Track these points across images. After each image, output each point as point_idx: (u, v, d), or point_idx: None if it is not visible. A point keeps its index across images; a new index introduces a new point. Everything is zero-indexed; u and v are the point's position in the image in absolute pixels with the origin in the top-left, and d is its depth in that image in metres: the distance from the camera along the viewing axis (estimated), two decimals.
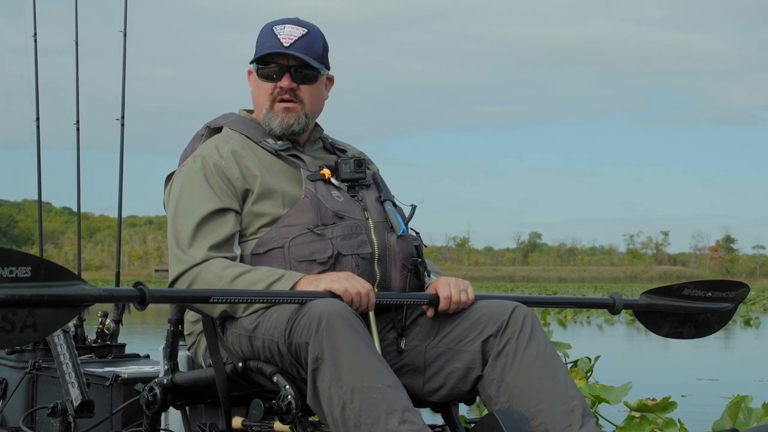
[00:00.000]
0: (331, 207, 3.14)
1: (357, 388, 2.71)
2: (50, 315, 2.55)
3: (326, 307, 2.81)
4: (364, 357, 2.75)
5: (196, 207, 3.13)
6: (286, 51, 3.21)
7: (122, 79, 5.51)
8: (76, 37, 5.63)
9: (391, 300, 3.06)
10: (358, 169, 3.25)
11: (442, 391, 3.11)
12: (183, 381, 3.25)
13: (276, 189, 3.16)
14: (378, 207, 3.24)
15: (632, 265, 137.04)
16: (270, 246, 3.10)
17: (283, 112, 3.24)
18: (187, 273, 3.05)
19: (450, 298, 3.09)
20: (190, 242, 3.09)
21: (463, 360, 3.06)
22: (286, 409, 2.89)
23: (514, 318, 3.05)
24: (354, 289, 2.91)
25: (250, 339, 3.01)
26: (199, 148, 3.27)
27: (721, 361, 13.89)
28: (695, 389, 9.53)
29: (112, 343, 4.90)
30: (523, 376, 2.98)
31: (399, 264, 3.17)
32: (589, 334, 19.44)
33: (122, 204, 5.48)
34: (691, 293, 3.67)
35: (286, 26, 3.25)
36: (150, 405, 3.26)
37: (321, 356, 2.76)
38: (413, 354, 3.13)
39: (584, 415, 2.92)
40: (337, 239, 3.08)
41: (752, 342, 18.43)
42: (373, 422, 2.67)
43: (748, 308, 31.87)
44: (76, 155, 5.55)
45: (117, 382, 4.15)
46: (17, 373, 4.60)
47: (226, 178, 3.16)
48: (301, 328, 2.83)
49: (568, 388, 2.96)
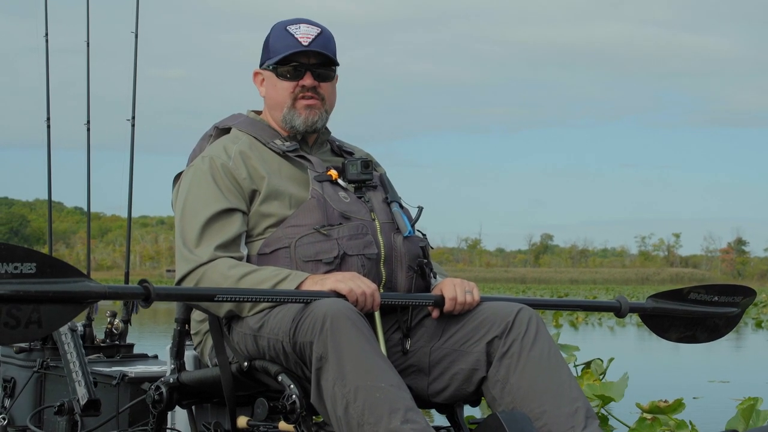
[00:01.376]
0: (338, 208, 3.15)
1: (360, 387, 2.72)
2: (55, 311, 2.56)
3: (331, 306, 2.82)
4: (367, 356, 2.76)
5: (203, 207, 3.14)
6: (310, 49, 3.23)
7: (133, 80, 5.53)
8: (88, 38, 5.65)
9: (396, 300, 3.07)
10: (365, 170, 3.26)
11: (446, 392, 3.11)
12: (189, 380, 3.27)
13: (283, 190, 3.17)
14: (385, 208, 3.25)
15: (644, 267, 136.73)
16: (276, 246, 3.11)
17: (306, 110, 3.27)
18: (194, 272, 3.07)
19: (455, 299, 3.10)
20: (197, 242, 3.10)
21: (468, 361, 3.07)
22: (291, 409, 2.90)
23: (519, 320, 3.06)
24: (359, 289, 2.92)
25: (255, 338, 3.02)
26: (207, 149, 3.29)
27: (732, 364, 13.86)
28: (707, 391, 9.51)
29: (121, 343, 4.92)
30: (527, 377, 2.98)
31: (405, 265, 3.18)
32: (600, 336, 19.42)
33: (132, 204, 5.50)
34: (698, 297, 3.67)
35: (302, 26, 3.28)
36: (156, 404, 3.28)
37: (325, 355, 2.77)
38: (418, 355, 3.14)
39: (587, 417, 2.92)
40: (343, 239, 3.09)
41: (764, 344, 18.36)
42: (375, 421, 2.68)
43: (759, 311, 31.78)
44: (86, 155, 5.58)
45: (124, 381, 4.17)
46: (25, 372, 4.62)
47: (234, 178, 3.18)
48: (306, 327, 2.84)
49: (572, 389, 2.97)
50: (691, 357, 13.89)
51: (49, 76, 5.66)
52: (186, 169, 3.29)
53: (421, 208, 3.31)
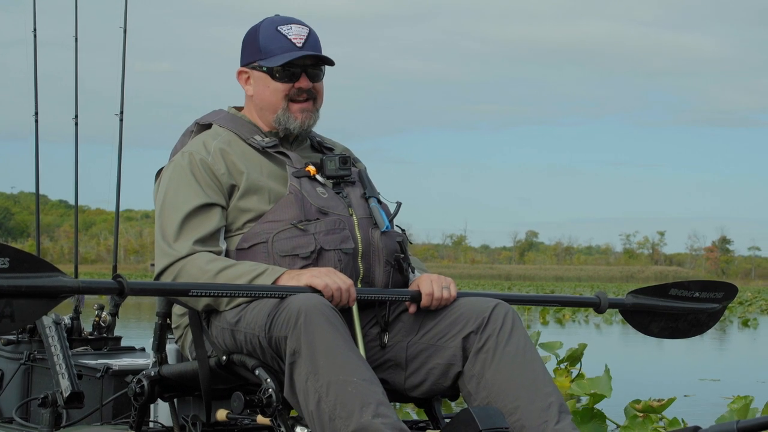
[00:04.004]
0: (315, 203, 3.18)
1: (332, 381, 2.75)
2: (28, 306, 2.58)
3: (305, 302, 2.85)
4: (340, 351, 2.79)
5: (182, 202, 3.17)
6: (307, 53, 3.26)
7: (122, 76, 5.52)
8: (76, 34, 5.65)
9: (373, 296, 3.10)
10: (342, 166, 3.28)
11: (423, 387, 3.15)
12: (170, 373, 3.29)
13: (262, 185, 3.20)
14: (363, 203, 3.27)
15: (628, 264, 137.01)
16: (254, 241, 3.14)
17: (302, 113, 3.29)
18: (173, 266, 3.10)
19: (432, 294, 3.13)
20: (176, 236, 3.13)
21: (444, 356, 3.10)
22: (267, 402, 2.93)
23: (495, 315, 3.09)
24: (335, 284, 2.96)
25: (232, 332, 3.06)
26: (188, 144, 3.32)
27: (720, 362, 13.88)
28: (696, 389, 9.56)
29: (109, 335, 4.94)
30: (502, 372, 3.02)
31: (382, 260, 3.20)
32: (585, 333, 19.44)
33: (120, 199, 5.51)
34: (678, 293, 3.69)
35: (293, 26, 3.30)
36: (137, 397, 3.30)
37: (298, 350, 2.81)
38: (396, 349, 3.17)
39: (560, 411, 2.96)
40: (320, 234, 3.12)
41: (751, 343, 18.41)
42: (347, 416, 2.71)
43: (745, 309, 31.91)
44: (74, 148, 5.58)
45: (108, 373, 4.19)
46: (13, 364, 4.65)
47: (213, 173, 3.21)
48: (281, 322, 2.87)
49: (546, 384, 3.00)
50: (679, 355, 13.93)
51: (37, 72, 5.65)
52: (167, 165, 3.32)
53: (400, 203, 3.34)
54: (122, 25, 5.58)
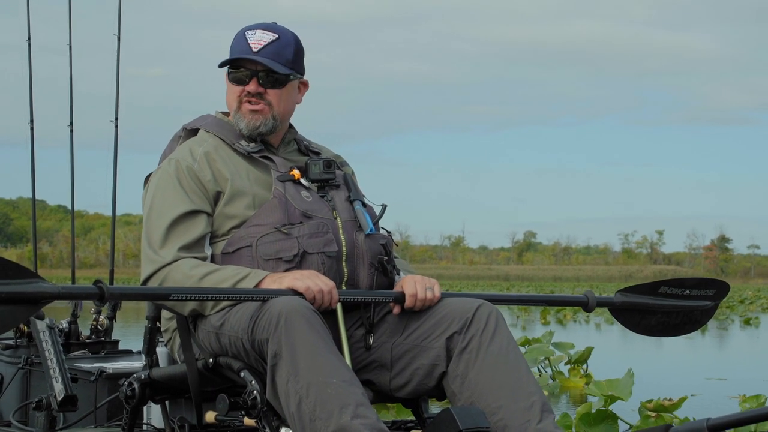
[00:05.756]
0: (299, 207, 3.21)
1: (312, 383, 2.78)
2: (8, 312, 2.61)
3: (286, 304, 2.89)
4: (320, 353, 2.83)
5: (168, 209, 3.21)
6: (251, 57, 3.28)
7: (116, 82, 5.55)
8: (70, 41, 5.69)
9: (357, 297, 3.13)
10: (327, 170, 3.31)
11: (408, 387, 3.18)
12: (160, 376, 3.33)
13: (246, 191, 3.24)
14: (347, 206, 3.30)
15: (627, 264, 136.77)
16: (239, 245, 3.18)
17: (250, 114, 3.31)
18: (158, 273, 3.14)
19: (416, 295, 3.16)
20: (162, 243, 3.17)
21: (429, 357, 3.13)
22: (252, 404, 2.96)
23: (479, 315, 3.12)
24: (316, 286, 2.99)
25: (217, 336, 3.10)
26: (175, 151, 3.35)
27: (724, 361, 13.87)
28: (703, 389, 9.56)
29: (106, 339, 4.99)
30: (485, 372, 3.04)
31: (367, 262, 3.23)
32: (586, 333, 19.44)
33: (116, 205, 5.55)
34: (667, 291, 3.69)
35: (257, 31, 3.32)
36: (129, 399, 3.34)
37: (279, 352, 2.84)
38: (381, 350, 3.20)
39: (543, 411, 2.98)
40: (303, 238, 3.15)
41: (754, 341, 18.34)
42: (326, 417, 2.74)
43: (746, 308, 31.89)
44: (70, 158, 5.62)
45: (102, 377, 4.23)
46: (11, 368, 4.70)
47: (198, 180, 3.24)
48: (263, 325, 2.91)
49: (529, 384, 3.03)
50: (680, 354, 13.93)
51: (32, 80, 5.68)
52: (154, 171, 3.36)
53: (385, 206, 3.37)
54: (116, 32, 5.62)
